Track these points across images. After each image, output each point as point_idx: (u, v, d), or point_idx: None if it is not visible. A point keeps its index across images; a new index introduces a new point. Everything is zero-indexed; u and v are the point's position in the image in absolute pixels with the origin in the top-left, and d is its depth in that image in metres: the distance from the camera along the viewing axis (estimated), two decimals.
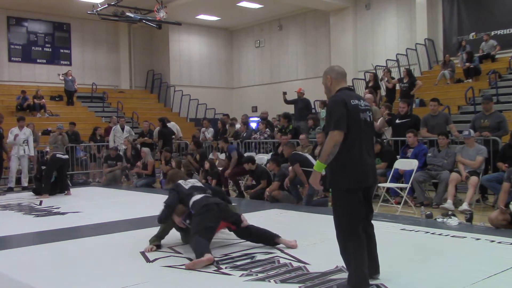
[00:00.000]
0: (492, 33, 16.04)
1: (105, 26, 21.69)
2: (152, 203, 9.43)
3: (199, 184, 5.76)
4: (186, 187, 5.56)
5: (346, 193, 3.69)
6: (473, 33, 16.69)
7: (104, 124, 16.66)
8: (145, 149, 12.72)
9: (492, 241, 5.55)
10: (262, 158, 11.26)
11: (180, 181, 5.72)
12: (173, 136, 14.43)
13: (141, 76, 23.54)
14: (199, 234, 4.94)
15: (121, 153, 13.40)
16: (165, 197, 5.67)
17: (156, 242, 5.42)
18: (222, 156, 11.49)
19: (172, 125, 14.89)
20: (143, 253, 5.20)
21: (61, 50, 21.44)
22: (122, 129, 14.38)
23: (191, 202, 5.28)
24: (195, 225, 5.08)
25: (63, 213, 8.36)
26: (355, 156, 3.65)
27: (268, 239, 5.34)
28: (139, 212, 8.16)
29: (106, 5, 15.96)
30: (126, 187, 12.58)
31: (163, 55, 23.26)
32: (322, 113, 13.37)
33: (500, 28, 16.10)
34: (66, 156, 11.24)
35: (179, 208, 5.40)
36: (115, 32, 22.59)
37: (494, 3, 16.34)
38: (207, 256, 4.64)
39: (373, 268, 3.92)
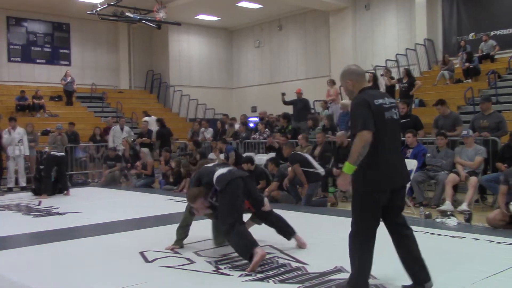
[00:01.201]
0: (492, 33, 16.05)
1: (104, 26, 21.69)
2: (151, 204, 9.50)
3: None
4: (210, 165, 5.39)
5: (364, 194, 3.59)
6: (473, 33, 16.70)
7: (104, 124, 16.66)
8: (144, 150, 12.72)
9: (491, 241, 5.55)
10: (262, 159, 11.26)
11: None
12: (172, 136, 14.43)
13: (140, 76, 23.55)
14: (239, 222, 4.74)
15: (120, 153, 13.40)
16: (163, 198, 5.67)
17: (180, 243, 5.40)
18: (222, 156, 11.49)
19: (151, 119, 14.97)
20: (142, 253, 5.19)
21: (61, 50, 21.45)
22: (122, 129, 14.37)
23: (215, 177, 4.96)
24: (228, 206, 4.80)
25: (62, 213, 8.35)
26: (378, 159, 3.53)
27: (283, 228, 5.28)
28: (138, 213, 8.17)
29: (106, 5, 15.96)
30: (125, 187, 12.57)
31: (162, 55, 23.27)
32: (322, 113, 13.39)
33: (500, 28, 16.11)
34: (62, 154, 11.23)
35: (199, 191, 5.09)
36: (115, 32, 22.60)
37: (494, 3, 16.34)
38: (260, 252, 4.51)
39: (422, 274, 3.72)
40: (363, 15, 19.40)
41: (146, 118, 15.20)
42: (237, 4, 19.88)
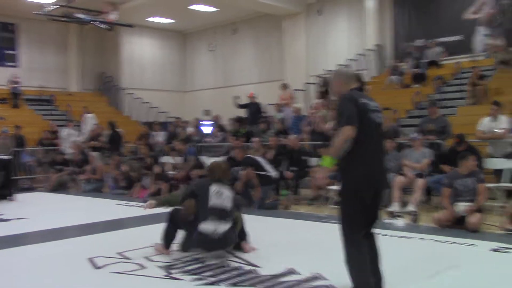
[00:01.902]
0: (439, 40, 16.63)
1: (54, 27, 21.06)
2: (101, 209, 9.30)
3: (226, 202, 5.10)
4: (210, 198, 5.04)
5: (354, 194, 3.51)
6: (421, 40, 17.23)
7: (47, 127, 16.11)
8: (94, 153, 12.45)
9: (436, 240, 5.75)
10: None
11: (213, 185, 5.16)
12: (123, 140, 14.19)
13: (91, 79, 23.01)
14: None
15: (68, 157, 13.07)
16: (114, 202, 5.56)
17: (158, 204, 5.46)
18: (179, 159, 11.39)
19: (92, 116, 14.73)
20: (91, 260, 5.07)
21: (7, 51, 20.69)
22: (71, 132, 14.09)
23: (199, 225, 4.95)
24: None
25: (6, 220, 8.03)
26: (366, 157, 3.51)
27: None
28: (87, 218, 7.97)
29: (56, 6, 15.55)
30: (74, 192, 12.26)
31: (114, 57, 22.84)
32: (275, 116, 13.49)
33: (445, 36, 16.72)
34: (8, 157, 10.85)
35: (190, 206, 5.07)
36: (65, 33, 22.00)
37: (441, 11, 16.92)
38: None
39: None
40: (316, 20, 19.69)
41: (88, 115, 14.90)
42: (191, 7, 19.76)
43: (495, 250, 5.25)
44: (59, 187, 12.53)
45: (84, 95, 22.33)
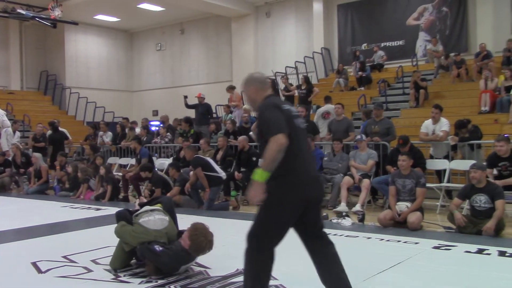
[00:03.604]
0: (382, 44, 17.15)
1: None
2: (45, 211, 9.01)
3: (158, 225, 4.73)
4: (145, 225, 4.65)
5: (282, 203, 3.22)
6: (365, 44, 17.71)
7: None
8: (36, 154, 12.06)
9: (382, 239, 5.93)
10: (163, 163, 11.12)
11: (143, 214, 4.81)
12: (66, 141, 13.77)
13: (33, 77, 22.24)
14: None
15: (9, 158, 12.58)
16: (59, 204, 5.40)
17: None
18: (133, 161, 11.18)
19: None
20: (34, 264, 4.91)
21: None
22: (14, 133, 13.53)
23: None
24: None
25: None
26: (295, 165, 3.23)
27: None
28: (30, 221, 7.70)
29: None
30: (16, 194, 11.82)
31: (58, 55, 22.16)
32: (225, 117, 13.48)
33: (388, 40, 17.26)
34: None
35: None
36: (5, 29, 21.13)
37: (384, 17, 17.47)
38: None
39: None
40: (264, 22, 19.85)
41: None
42: (138, 6, 19.47)
43: (436, 248, 5.47)
44: (0, 189, 12.05)
45: (26, 94, 21.56)
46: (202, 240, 4.40)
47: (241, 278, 4.30)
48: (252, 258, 3.28)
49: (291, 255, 3.95)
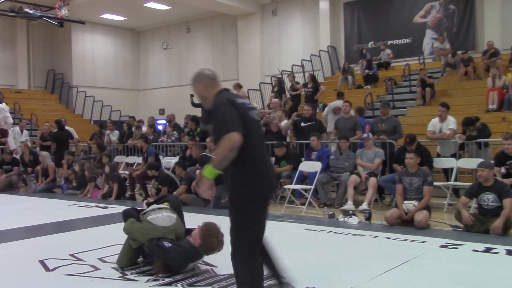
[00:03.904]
0: (389, 42, 17.09)
1: (0, 21, 20.32)
2: (52, 209, 9.05)
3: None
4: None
5: (251, 206, 3.17)
6: (372, 42, 17.65)
7: None
8: (44, 153, 12.10)
9: (388, 238, 5.91)
10: (170, 162, 11.13)
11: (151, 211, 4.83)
12: (71, 140, 13.81)
13: (41, 76, 22.33)
14: None
15: (17, 157, 12.65)
16: (66, 203, 5.41)
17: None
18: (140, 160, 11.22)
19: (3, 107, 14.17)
20: (42, 262, 4.93)
21: None
22: (22, 131, 13.61)
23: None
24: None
25: None
26: (254, 161, 3.17)
27: None
28: (38, 219, 7.74)
29: (1, 0, 15.02)
30: (24, 192, 11.88)
31: (65, 55, 22.23)
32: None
33: (395, 38, 17.19)
34: None
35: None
36: (12, 29, 21.24)
37: (390, 15, 17.40)
38: None
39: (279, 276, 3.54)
40: (270, 20, 19.82)
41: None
42: (144, 5, 19.50)
43: (443, 246, 5.44)
44: (8, 188, 12.12)
45: (34, 93, 21.67)
46: (214, 241, 4.41)
47: None
48: (245, 263, 3.18)
49: (297, 254, 3.95)
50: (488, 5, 15.41)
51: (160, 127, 14.86)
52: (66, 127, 13.77)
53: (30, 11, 15.54)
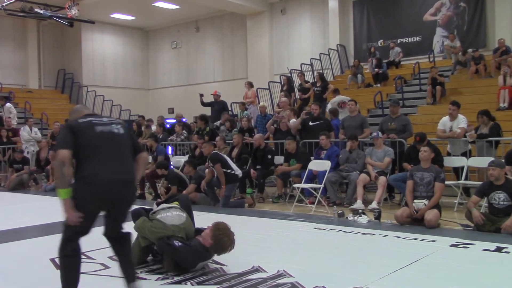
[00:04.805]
0: (398, 41, 17.00)
1: (11, 21, 20.48)
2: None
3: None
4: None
5: (82, 202, 3.51)
6: (381, 40, 17.57)
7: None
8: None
9: (398, 237, 5.88)
10: (179, 161, 11.17)
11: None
12: None
13: (51, 75, 22.49)
14: None
15: (28, 155, 12.75)
16: None
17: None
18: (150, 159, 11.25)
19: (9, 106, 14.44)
20: (53, 260, 4.97)
21: None
22: (31, 130, 13.73)
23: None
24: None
25: None
26: (96, 167, 3.52)
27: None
28: (49, 218, 7.77)
29: (12, 0, 15.12)
30: (35, 191, 11.97)
31: (75, 54, 22.38)
32: (240, 114, 13.51)
33: (405, 37, 17.10)
34: None
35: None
36: (23, 29, 21.42)
37: (399, 13, 17.30)
38: None
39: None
40: (279, 19, 19.80)
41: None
42: (153, 4, 19.57)
43: (454, 246, 5.41)
44: (19, 187, 12.22)
45: (44, 92, 21.83)
46: (226, 241, 4.44)
47: (256, 275, 4.33)
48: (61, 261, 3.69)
49: (307, 253, 3.94)
50: (499, 2, 15.28)
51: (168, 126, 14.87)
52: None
53: (41, 11, 15.62)
